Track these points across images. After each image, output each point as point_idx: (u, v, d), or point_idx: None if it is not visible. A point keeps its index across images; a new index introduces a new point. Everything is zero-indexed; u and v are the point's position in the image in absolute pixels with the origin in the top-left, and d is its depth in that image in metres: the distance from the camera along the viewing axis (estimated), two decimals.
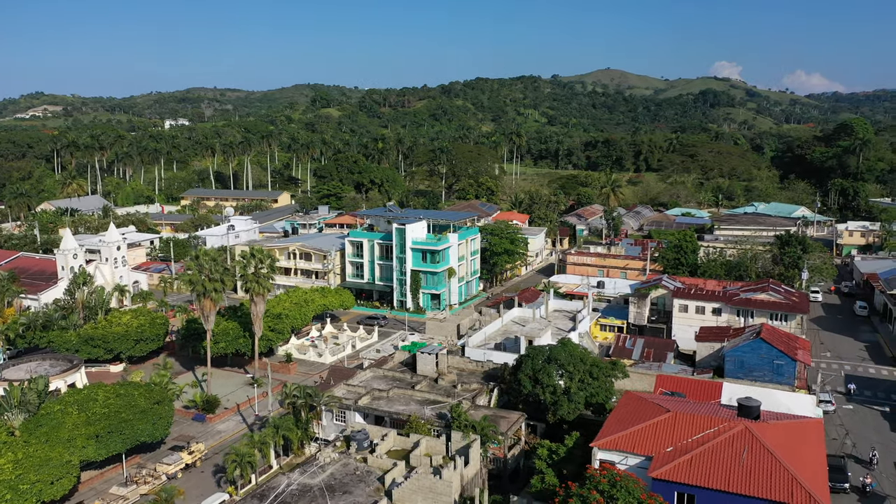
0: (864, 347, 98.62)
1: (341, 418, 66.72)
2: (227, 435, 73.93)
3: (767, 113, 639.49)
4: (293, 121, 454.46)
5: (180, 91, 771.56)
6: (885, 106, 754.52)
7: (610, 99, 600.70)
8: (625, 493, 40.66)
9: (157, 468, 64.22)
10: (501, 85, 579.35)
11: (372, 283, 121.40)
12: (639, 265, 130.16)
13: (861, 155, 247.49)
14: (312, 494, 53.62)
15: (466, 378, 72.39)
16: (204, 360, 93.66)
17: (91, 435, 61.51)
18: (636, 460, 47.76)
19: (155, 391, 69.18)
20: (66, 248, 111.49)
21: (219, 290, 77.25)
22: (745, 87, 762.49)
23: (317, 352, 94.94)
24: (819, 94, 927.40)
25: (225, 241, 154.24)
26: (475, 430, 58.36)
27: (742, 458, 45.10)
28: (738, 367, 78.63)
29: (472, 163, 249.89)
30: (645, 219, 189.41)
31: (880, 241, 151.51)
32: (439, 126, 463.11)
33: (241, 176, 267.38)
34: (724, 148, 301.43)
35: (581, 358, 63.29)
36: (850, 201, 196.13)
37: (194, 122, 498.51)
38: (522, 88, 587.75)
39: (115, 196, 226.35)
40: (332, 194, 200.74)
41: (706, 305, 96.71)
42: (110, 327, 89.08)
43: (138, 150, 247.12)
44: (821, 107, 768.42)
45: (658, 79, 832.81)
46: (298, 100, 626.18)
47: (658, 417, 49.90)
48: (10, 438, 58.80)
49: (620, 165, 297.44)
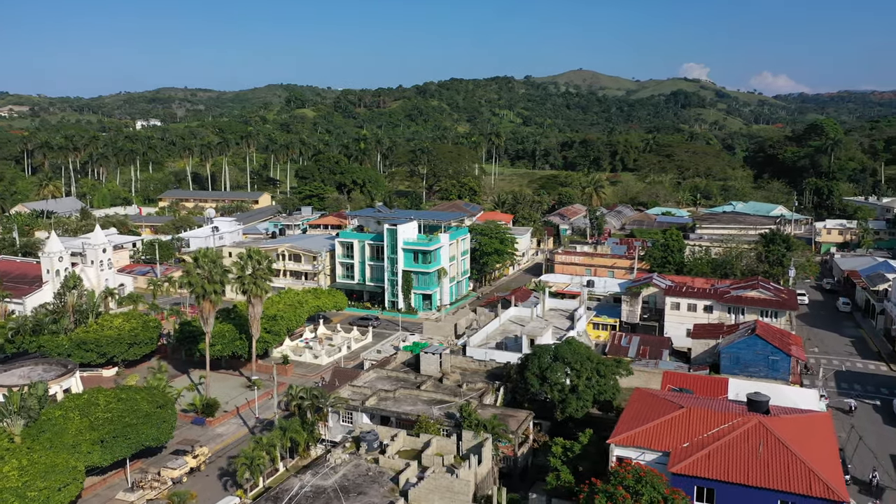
0: (849, 343, 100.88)
1: (348, 419, 66.55)
2: (228, 438, 73.31)
3: (737, 113, 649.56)
4: (268, 121, 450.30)
5: (150, 91, 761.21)
6: (850, 107, 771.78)
7: (583, 100, 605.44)
8: (650, 489, 41.24)
9: (162, 473, 63.49)
10: (476, 86, 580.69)
11: (362, 284, 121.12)
12: (626, 264, 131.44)
13: (832, 155, 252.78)
14: (327, 496, 53.49)
15: (470, 377, 72.64)
16: (197, 363, 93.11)
17: (96, 440, 60.65)
18: (653, 456, 48.38)
19: (156, 395, 68.41)
20: (51, 250, 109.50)
21: (218, 292, 76.61)
22: (714, 89, 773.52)
23: (312, 353, 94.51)
24: (786, 95, 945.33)
25: (209, 242, 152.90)
26: (486, 429, 58.66)
27: (759, 451, 45.96)
28: (734, 364, 79.91)
29: (453, 163, 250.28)
30: (626, 218, 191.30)
31: (857, 238, 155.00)
32: (415, 126, 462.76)
33: (218, 177, 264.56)
34: (699, 148, 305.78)
35: (588, 356, 63.93)
36: (824, 200, 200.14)
37: (167, 122, 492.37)
38: (497, 89, 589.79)
39: (90, 198, 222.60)
40: (315, 195, 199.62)
41: (698, 303, 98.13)
42: (102, 331, 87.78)
43: (114, 151, 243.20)
44: (788, 107, 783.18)
45: (629, 80, 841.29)
46: (272, 100, 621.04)
47: (672, 413, 50.62)
48: (11, 445, 57.71)
49: (598, 165, 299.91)
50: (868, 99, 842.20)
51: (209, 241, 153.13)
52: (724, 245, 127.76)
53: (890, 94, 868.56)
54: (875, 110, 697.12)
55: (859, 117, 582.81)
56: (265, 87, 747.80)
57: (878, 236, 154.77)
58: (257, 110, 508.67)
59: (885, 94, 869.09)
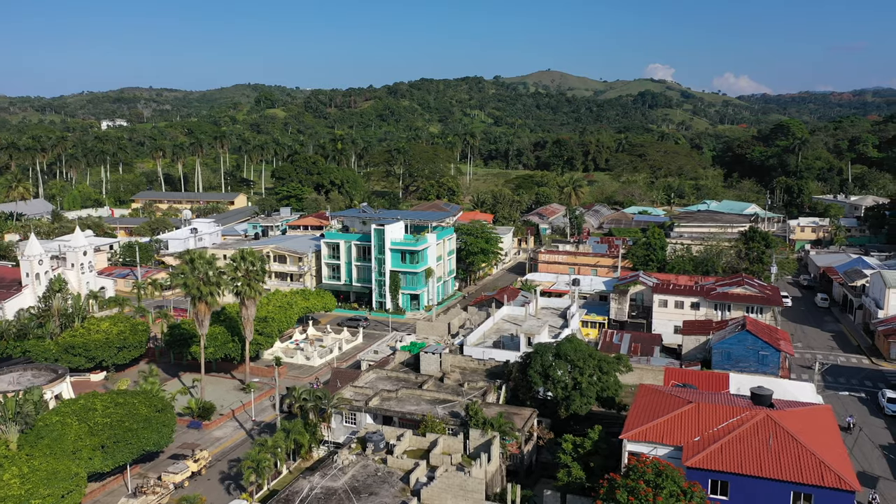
0: (830, 337, 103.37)
1: (351, 420, 66.36)
2: (226, 441, 72.60)
3: (703, 114, 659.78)
4: (238, 121, 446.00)
5: (114, 91, 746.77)
6: (810, 107, 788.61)
7: (553, 100, 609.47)
8: (670, 482, 41.90)
9: (163, 478, 62.65)
10: (447, 86, 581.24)
11: (349, 285, 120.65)
12: (609, 262, 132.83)
13: (800, 154, 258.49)
14: (338, 497, 53.29)
15: (470, 376, 72.92)
16: (186, 366, 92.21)
17: (96, 446, 59.67)
18: (665, 450, 49.10)
19: (154, 399, 67.47)
20: (30, 253, 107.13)
21: (215, 294, 75.76)
22: (680, 89, 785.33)
23: (304, 355, 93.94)
24: (749, 96, 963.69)
25: (188, 244, 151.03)
26: (493, 428, 58.98)
27: (769, 444, 46.98)
28: (726, 359, 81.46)
29: (429, 163, 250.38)
30: (604, 217, 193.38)
31: (830, 235, 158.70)
32: (387, 126, 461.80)
33: (191, 178, 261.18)
34: (670, 148, 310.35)
35: (589, 353, 64.62)
36: (794, 198, 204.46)
37: (133, 122, 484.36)
38: (467, 89, 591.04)
39: (60, 199, 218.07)
40: (292, 196, 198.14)
41: (685, 300, 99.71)
42: (89, 335, 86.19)
43: (83, 152, 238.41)
44: (751, 108, 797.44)
45: (597, 80, 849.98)
46: (240, 100, 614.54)
47: (682, 409, 51.46)
48: (10, 452, 56.45)
49: (571, 165, 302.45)
50: (828, 100, 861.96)
51: (189, 243, 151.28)
52: (705, 243, 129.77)
53: (848, 95, 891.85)
54: (835, 111, 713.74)
55: (820, 117, 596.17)
56: (232, 86, 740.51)
57: (849, 233, 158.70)
58: (226, 110, 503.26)
59: (843, 95, 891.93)
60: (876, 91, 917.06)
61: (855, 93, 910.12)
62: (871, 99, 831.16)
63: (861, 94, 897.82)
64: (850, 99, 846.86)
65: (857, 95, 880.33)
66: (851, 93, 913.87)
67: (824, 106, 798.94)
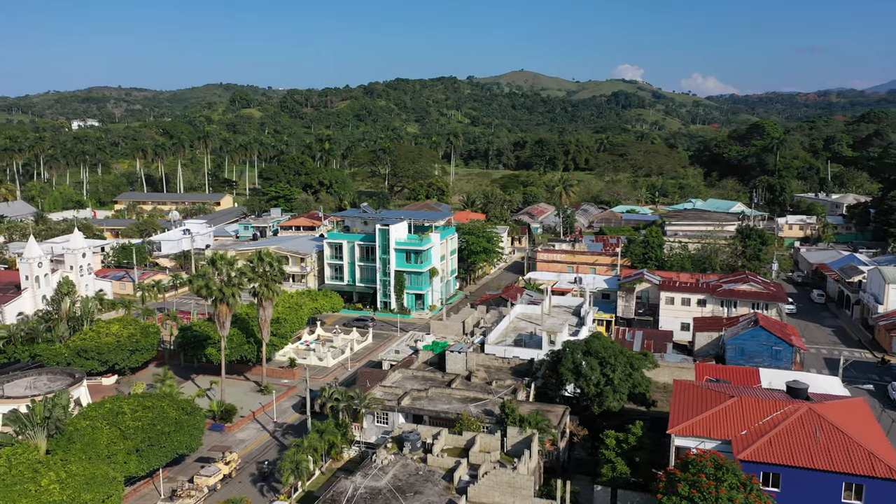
0: (831, 332, 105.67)
1: (383, 420, 66.30)
2: (252, 443, 72.01)
3: (675, 114, 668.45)
4: (213, 121, 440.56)
5: (81, 90, 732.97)
6: (777, 108, 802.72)
7: (528, 100, 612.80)
8: (731, 475, 42.67)
9: (196, 481, 62.00)
10: (423, 86, 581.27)
11: (352, 285, 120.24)
12: (607, 261, 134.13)
13: (778, 154, 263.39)
14: (384, 497, 53.26)
15: (495, 375, 73.28)
16: (197, 368, 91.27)
17: (131, 449, 58.89)
18: (712, 444, 49.89)
19: (182, 402, 66.78)
20: (30, 256, 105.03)
21: (236, 296, 75.09)
22: (651, 90, 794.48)
23: (317, 356, 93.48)
24: (718, 97, 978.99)
25: (182, 245, 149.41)
26: (531, 425, 59.42)
27: (816, 436, 48.06)
28: (739, 355, 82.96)
29: (414, 163, 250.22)
30: (593, 216, 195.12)
31: (817, 233, 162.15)
32: (365, 126, 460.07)
33: (172, 179, 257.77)
34: (651, 147, 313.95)
35: (620, 350, 65.39)
36: (777, 197, 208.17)
37: (105, 122, 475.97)
38: (443, 89, 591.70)
39: (40, 201, 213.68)
40: (281, 196, 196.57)
41: (692, 297, 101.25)
42: (99, 338, 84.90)
43: (62, 153, 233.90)
44: (721, 108, 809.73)
45: (570, 80, 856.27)
46: (211, 99, 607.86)
47: (725, 403, 52.37)
48: (43, 458, 55.54)
49: (553, 165, 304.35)
50: (794, 100, 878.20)
51: (182, 245, 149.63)
52: (702, 241, 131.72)
53: (814, 96, 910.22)
54: (801, 111, 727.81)
55: (788, 118, 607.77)
56: (203, 86, 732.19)
57: (836, 231, 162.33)
58: (201, 110, 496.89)
59: (809, 96, 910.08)
60: (839, 92, 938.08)
61: (820, 93, 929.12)
62: (835, 99, 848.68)
63: (826, 94, 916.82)
64: (816, 99, 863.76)
65: (822, 96, 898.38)
66: (816, 93, 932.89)
67: (791, 106, 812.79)
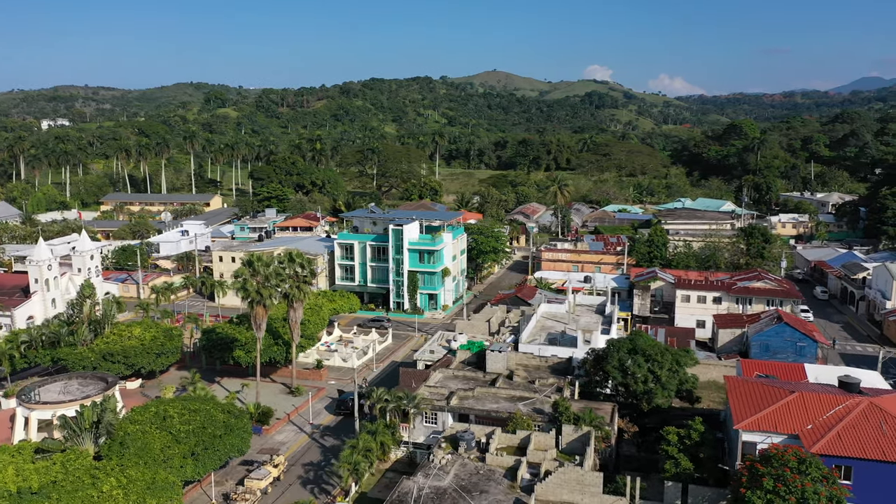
0: (840, 328, 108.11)
1: (432, 420, 66.29)
2: (293, 445, 71.49)
3: (647, 114, 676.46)
4: (188, 121, 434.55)
5: (47, 89, 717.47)
6: (745, 108, 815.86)
7: (504, 100, 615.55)
8: (814, 469, 43.59)
9: (247, 484, 61.40)
10: (399, 86, 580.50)
11: (363, 286, 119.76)
12: (612, 259, 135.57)
13: (759, 153, 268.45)
14: (451, 497, 53.28)
15: (534, 373, 73.72)
16: (223, 371, 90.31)
17: (186, 453, 57.99)
18: (779, 438, 50.87)
19: (226, 405, 66.05)
20: (39, 258, 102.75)
21: (273, 297, 74.39)
22: (622, 90, 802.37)
23: (340, 357, 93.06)
24: (687, 97, 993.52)
25: (179, 247, 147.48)
26: (586, 423, 59.96)
27: (882, 429, 49.28)
28: (764, 350, 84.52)
29: (401, 163, 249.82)
30: (587, 216, 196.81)
31: (809, 231, 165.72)
32: (342, 126, 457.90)
33: (155, 179, 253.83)
34: (634, 147, 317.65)
35: (665, 347, 66.27)
36: (763, 196, 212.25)
37: (76, 122, 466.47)
38: (419, 89, 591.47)
39: (23, 202, 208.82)
40: (273, 196, 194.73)
41: (707, 295, 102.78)
42: (122, 341, 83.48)
43: (45, 153, 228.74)
44: (691, 108, 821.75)
45: (542, 81, 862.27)
46: (182, 99, 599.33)
47: (787, 398, 53.36)
48: (100, 463, 54.58)
49: (537, 164, 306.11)
50: (761, 101, 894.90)
51: (181, 246, 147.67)
52: (707, 240, 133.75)
53: (779, 97, 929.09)
54: (768, 111, 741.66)
55: (756, 118, 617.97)
56: (173, 85, 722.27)
57: (828, 229, 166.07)
58: (175, 110, 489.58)
59: (775, 97, 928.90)
60: (804, 93, 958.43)
61: (785, 94, 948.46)
62: (801, 100, 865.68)
63: (791, 95, 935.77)
64: (782, 100, 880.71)
65: (787, 97, 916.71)
66: (782, 94, 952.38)
67: (758, 107, 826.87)
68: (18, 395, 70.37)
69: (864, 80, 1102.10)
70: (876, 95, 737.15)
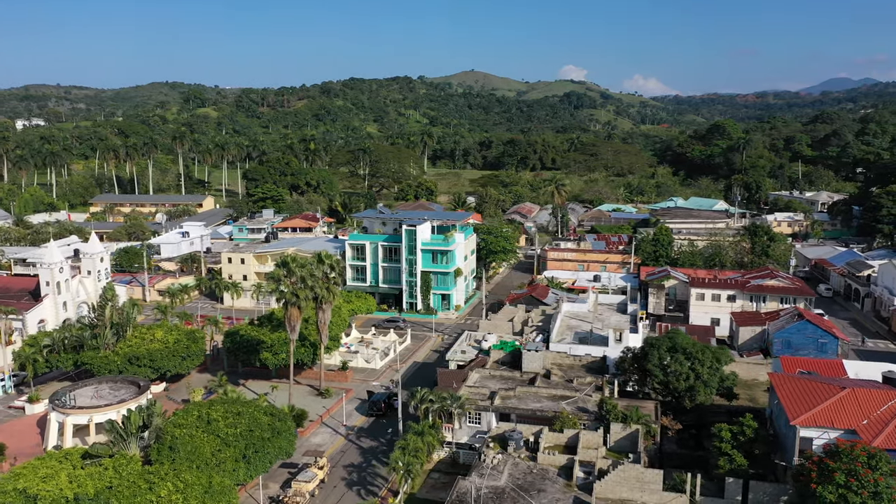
0: (848, 325, 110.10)
1: (475, 420, 66.38)
2: (330, 447, 71.03)
3: (625, 114, 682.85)
4: (168, 121, 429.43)
5: (17, 88, 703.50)
6: (719, 108, 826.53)
7: (484, 100, 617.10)
8: (885, 463, 44.50)
9: (294, 486, 60.92)
10: (379, 85, 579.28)
11: (375, 286, 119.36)
12: (618, 258, 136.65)
13: (744, 153, 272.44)
14: (511, 497, 53.48)
15: (569, 372, 74.14)
16: (246, 373, 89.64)
17: (237, 457, 57.45)
18: (835, 434, 51.83)
19: (269, 407, 65.56)
20: (50, 261, 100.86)
21: (308, 299, 73.93)
22: (599, 90, 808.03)
23: (363, 358, 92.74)
24: (663, 97, 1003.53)
25: (181, 248, 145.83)
26: (634, 421, 60.51)
27: None
28: (786, 347, 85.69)
29: (392, 164, 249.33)
30: (582, 215, 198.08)
31: (805, 229, 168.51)
32: (324, 126, 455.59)
33: (142, 180, 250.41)
34: (621, 147, 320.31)
35: (704, 346, 67.05)
36: (752, 195, 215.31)
37: (52, 122, 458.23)
38: (399, 89, 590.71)
39: (10, 203, 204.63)
40: (268, 197, 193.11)
41: (722, 293, 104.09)
42: (145, 344, 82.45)
43: (31, 153, 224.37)
44: (667, 108, 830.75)
45: (519, 81, 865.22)
46: (158, 98, 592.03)
47: (840, 394, 54.31)
48: (153, 468, 53.88)
49: (525, 164, 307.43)
50: (734, 101, 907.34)
51: (182, 247, 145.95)
52: (711, 239, 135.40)
53: (752, 97, 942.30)
54: (742, 111, 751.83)
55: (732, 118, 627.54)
56: (149, 84, 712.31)
57: (822, 227, 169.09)
58: (153, 109, 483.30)
59: (748, 97, 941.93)
60: (776, 93, 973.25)
61: (758, 94, 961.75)
62: (773, 101, 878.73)
63: (763, 95, 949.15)
64: (755, 101, 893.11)
65: (760, 97, 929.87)
66: (755, 94, 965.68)
67: (732, 107, 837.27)
68: (51, 400, 69.23)
69: (833, 80, 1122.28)
70: (846, 96, 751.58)
